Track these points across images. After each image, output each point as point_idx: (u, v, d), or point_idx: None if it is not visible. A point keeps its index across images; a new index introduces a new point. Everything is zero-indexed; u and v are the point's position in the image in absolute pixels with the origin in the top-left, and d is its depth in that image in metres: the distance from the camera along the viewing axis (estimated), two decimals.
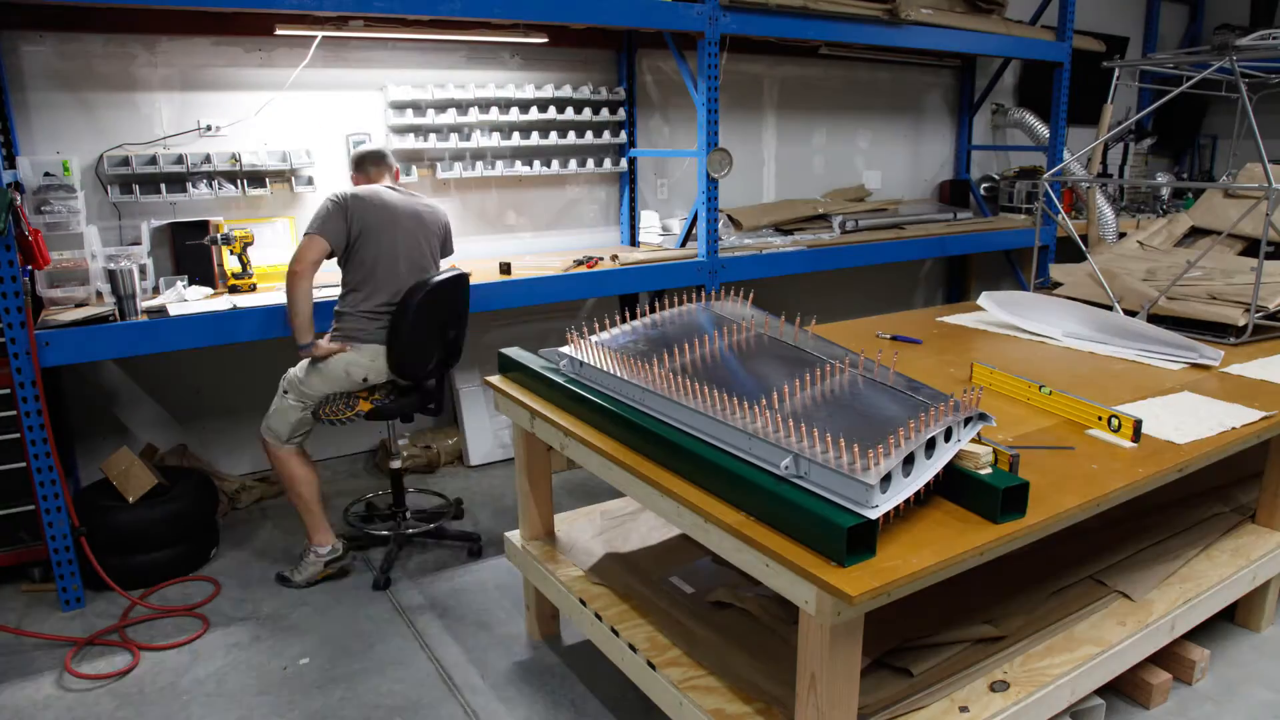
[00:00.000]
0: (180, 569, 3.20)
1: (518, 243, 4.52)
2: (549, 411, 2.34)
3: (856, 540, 1.51)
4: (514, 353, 2.66)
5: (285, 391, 3.09)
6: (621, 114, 4.55)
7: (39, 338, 2.81)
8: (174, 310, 3.13)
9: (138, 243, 3.44)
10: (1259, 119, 3.32)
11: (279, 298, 3.33)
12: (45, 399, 2.84)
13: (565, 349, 2.42)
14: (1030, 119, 5.97)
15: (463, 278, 3.25)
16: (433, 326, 3.13)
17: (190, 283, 3.48)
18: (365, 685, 2.56)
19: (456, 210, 4.31)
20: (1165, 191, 6.44)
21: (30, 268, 2.93)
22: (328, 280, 3.61)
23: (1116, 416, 2.09)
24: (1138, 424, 2.06)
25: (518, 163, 4.31)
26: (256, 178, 3.69)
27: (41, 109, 3.37)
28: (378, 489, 4.00)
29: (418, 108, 4.01)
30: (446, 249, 3.34)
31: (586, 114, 4.39)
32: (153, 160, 3.48)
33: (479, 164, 4.21)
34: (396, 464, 3.44)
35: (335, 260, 3.05)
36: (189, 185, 3.56)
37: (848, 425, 1.73)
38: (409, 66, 4.04)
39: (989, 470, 1.73)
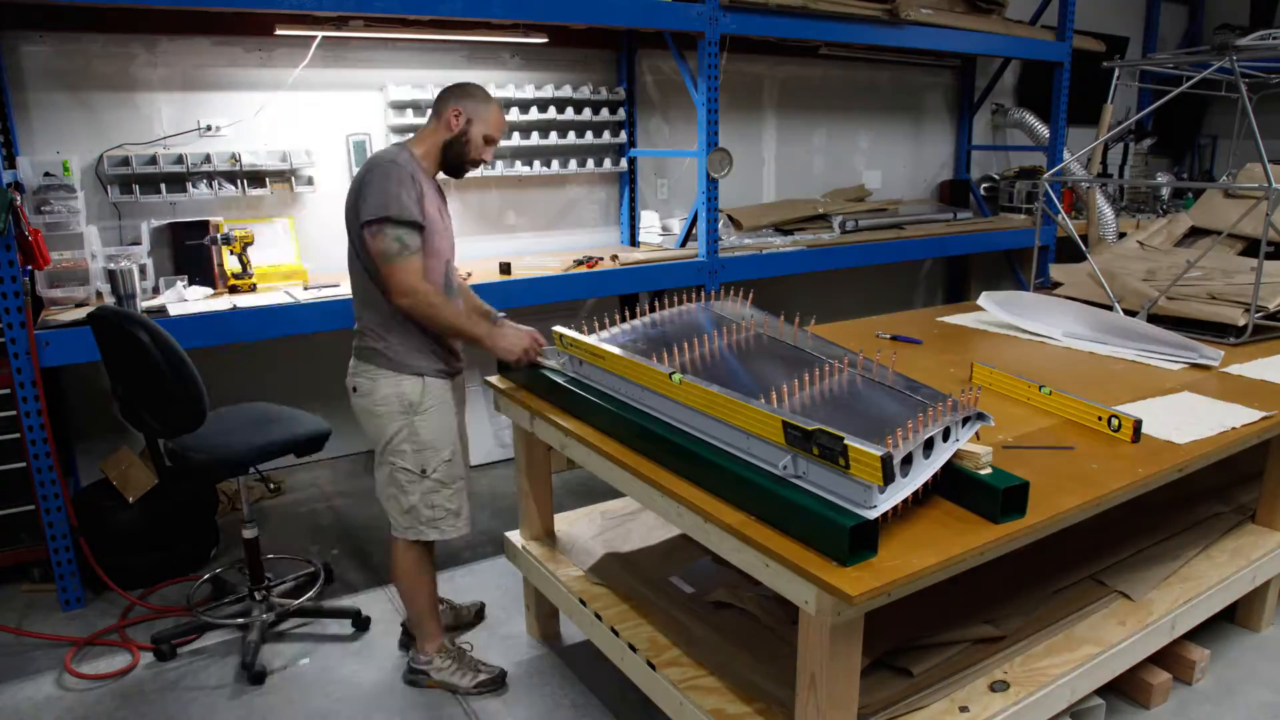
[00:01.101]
0: (180, 569, 3.20)
1: (518, 243, 4.52)
2: (549, 411, 2.34)
3: (858, 540, 1.51)
4: None
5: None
6: (621, 114, 4.54)
7: (39, 338, 2.81)
8: (174, 310, 3.13)
9: (138, 243, 3.44)
10: (1259, 119, 3.32)
11: (279, 298, 3.33)
12: (45, 399, 2.84)
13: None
14: (1030, 119, 5.97)
15: (126, 318, 2.41)
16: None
17: (190, 283, 3.48)
18: (365, 685, 2.56)
19: (456, 210, 4.31)
20: (1165, 191, 6.43)
21: (30, 268, 2.93)
22: (325, 280, 3.62)
23: (1116, 416, 2.09)
24: (1138, 424, 2.06)
25: (518, 163, 4.31)
26: (256, 178, 3.69)
27: (41, 109, 3.37)
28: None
29: (418, 108, 4.01)
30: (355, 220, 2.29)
31: (586, 114, 4.39)
32: (153, 160, 3.48)
33: None
34: (250, 533, 2.78)
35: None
36: (189, 185, 3.56)
37: (846, 425, 1.73)
38: (409, 66, 4.04)
39: (989, 470, 1.73)
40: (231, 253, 3.46)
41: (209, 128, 3.64)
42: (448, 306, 2.28)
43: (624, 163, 4.64)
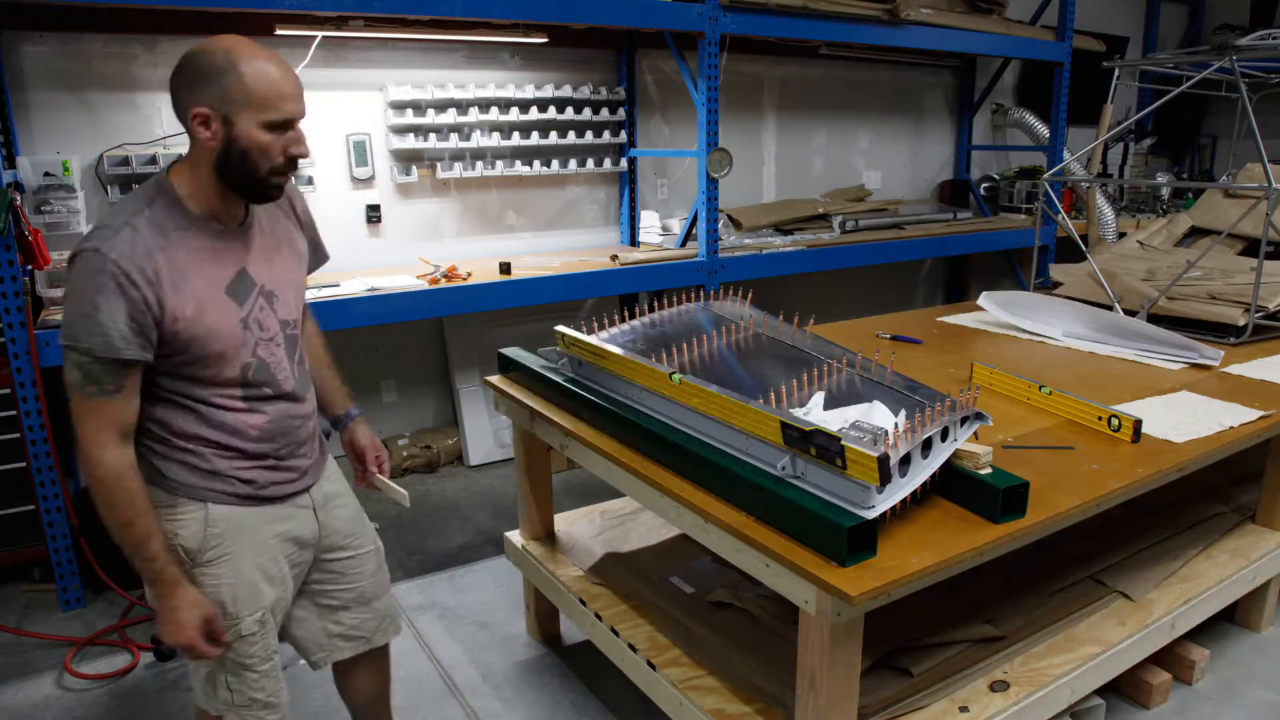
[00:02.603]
0: None
1: (518, 243, 4.52)
2: (549, 411, 2.34)
3: (857, 540, 1.51)
4: (514, 353, 2.66)
5: None
6: (621, 114, 4.54)
7: (39, 338, 2.81)
8: None
9: None
10: (1259, 119, 3.32)
11: None
12: (45, 399, 2.84)
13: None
14: (1030, 119, 5.97)
15: None
16: None
17: None
18: None
19: (456, 210, 4.32)
20: (1165, 191, 6.43)
21: (30, 268, 2.93)
22: (325, 280, 3.62)
23: (1116, 416, 2.09)
24: (1137, 424, 2.06)
25: (518, 163, 4.31)
26: None
27: (41, 109, 3.37)
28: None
29: (418, 108, 4.01)
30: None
31: (586, 114, 4.39)
32: (153, 160, 3.48)
33: (479, 164, 4.21)
34: None
35: None
36: None
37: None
38: (409, 66, 4.04)
39: (989, 470, 1.73)
40: None
41: None
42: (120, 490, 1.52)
43: (624, 163, 4.64)
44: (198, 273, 1.49)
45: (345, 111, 3.93)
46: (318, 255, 1.88)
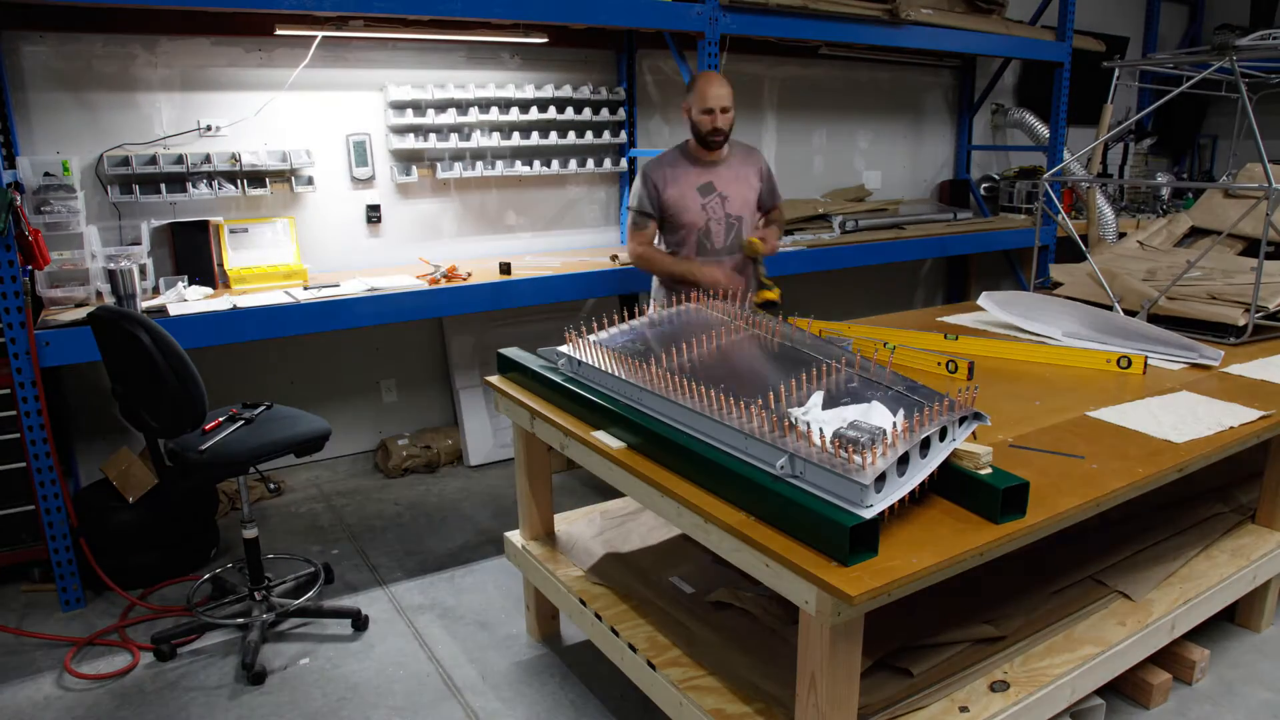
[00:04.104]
0: (180, 569, 3.20)
1: (518, 243, 4.52)
2: (549, 411, 2.34)
3: (859, 540, 1.51)
4: (513, 353, 2.66)
5: None
6: (621, 114, 4.54)
7: (39, 338, 2.81)
8: (174, 310, 3.13)
9: (138, 243, 3.44)
10: (1259, 119, 3.31)
11: (279, 298, 3.33)
12: (45, 399, 2.84)
13: (564, 348, 2.42)
14: (1030, 119, 5.96)
15: (126, 318, 2.39)
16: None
17: (190, 283, 3.48)
18: (365, 685, 2.56)
19: (456, 210, 4.32)
20: (1165, 191, 6.43)
21: (30, 268, 2.93)
22: (325, 280, 3.61)
23: (1127, 357, 2.12)
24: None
25: (518, 163, 4.31)
26: (256, 178, 3.69)
27: (41, 109, 3.37)
28: (374, 489, 4.00)
29: (418, 108, 4.01)
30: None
31: (586, 114, 4.39)
32: (153, 160, 3.48)
33: (479, 164, 4.21)
34: (250, 533, 2.80)
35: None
36: (189, 185, 3.56)
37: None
38: (409, 66, 4.04)
39: (989, 470, 1.73)
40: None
41: (209, 128, 3.64)
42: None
43: (624, 163, 4.63)
44: (685, 179, 3.15)
45: (345, 111, 3.93)
46: (771, 197, 3.41)
